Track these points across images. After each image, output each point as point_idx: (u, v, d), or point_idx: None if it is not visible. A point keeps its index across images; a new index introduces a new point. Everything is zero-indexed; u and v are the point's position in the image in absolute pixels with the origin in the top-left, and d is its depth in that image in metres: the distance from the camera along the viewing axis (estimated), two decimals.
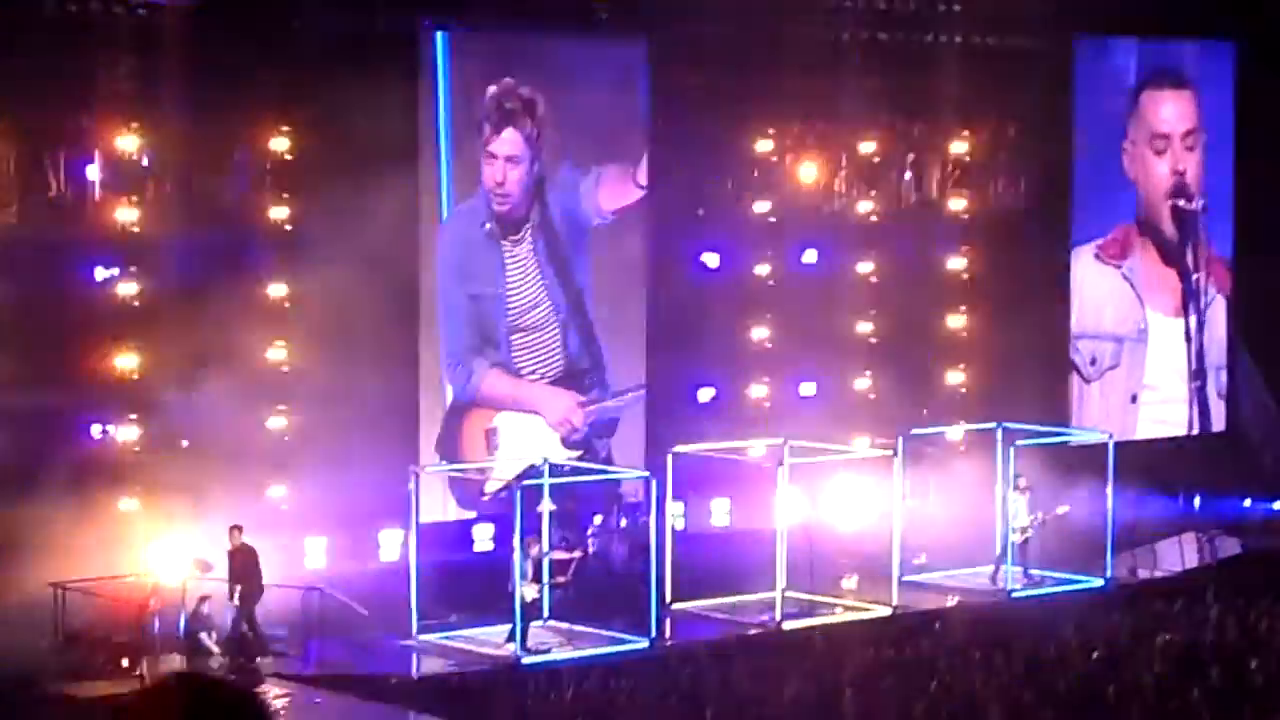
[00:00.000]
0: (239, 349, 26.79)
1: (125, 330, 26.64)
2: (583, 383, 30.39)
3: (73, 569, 24.52)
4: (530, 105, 29.30)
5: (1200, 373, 36.91)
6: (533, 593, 25.57)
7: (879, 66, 32.81)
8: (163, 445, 26.55)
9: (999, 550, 29.36)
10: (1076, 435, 32.92)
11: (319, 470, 27.14)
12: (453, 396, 29.27)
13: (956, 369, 34.36)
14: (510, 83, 29.19)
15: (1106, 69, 35.74)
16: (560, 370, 30.18)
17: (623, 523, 28.75)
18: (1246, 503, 35.08)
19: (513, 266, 29.61)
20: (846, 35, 32.58)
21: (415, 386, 28.86)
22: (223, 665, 24.30)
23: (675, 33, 30.41)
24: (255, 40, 26.66)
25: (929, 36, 33.79)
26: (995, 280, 34.42)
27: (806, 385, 32.98)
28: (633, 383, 30.69)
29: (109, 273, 26.75)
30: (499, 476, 28.81)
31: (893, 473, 28.47)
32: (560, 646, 25.62)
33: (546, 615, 26.43)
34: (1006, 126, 34.94)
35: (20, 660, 22.81)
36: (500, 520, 28.05)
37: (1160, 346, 36.37)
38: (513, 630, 25.14)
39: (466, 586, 26.94)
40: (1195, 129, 36.35)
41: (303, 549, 27.17)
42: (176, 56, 26.29)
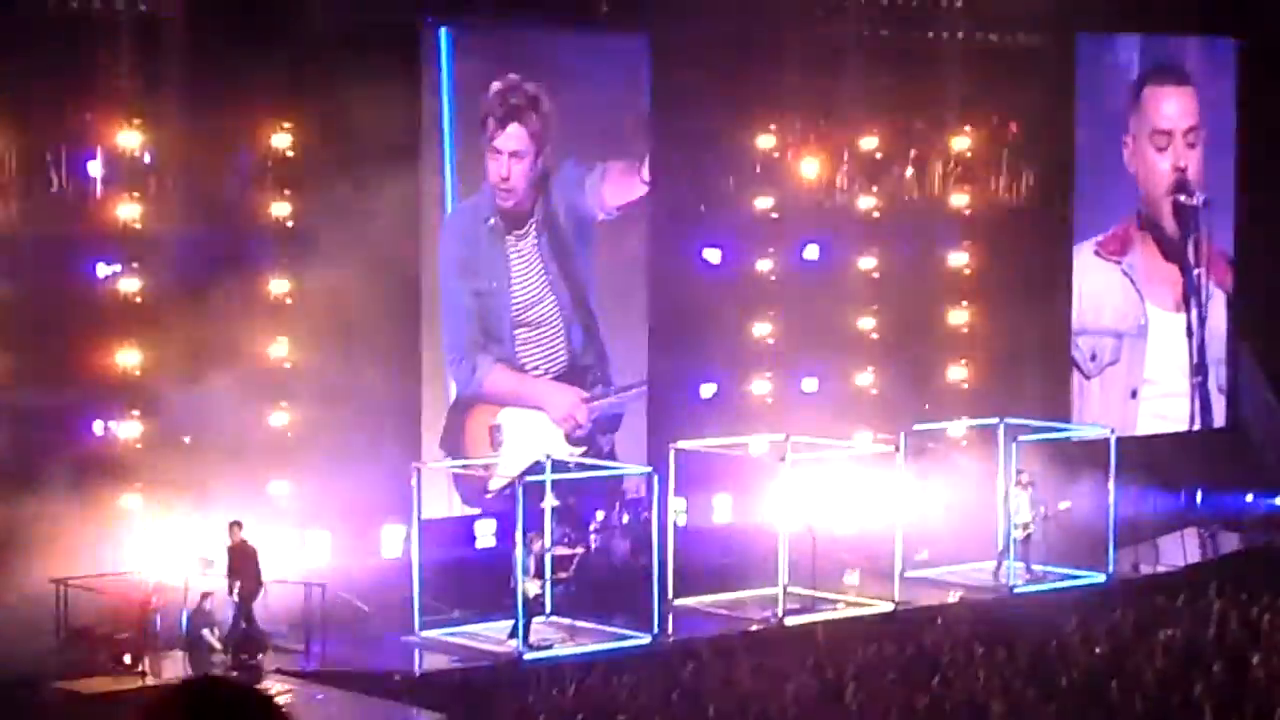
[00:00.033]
0: (241, 345, 26.80)
1: (127, 326, 26.63)
2: (586, 378, 30.40)
3: (75, 565, 24.49)
4: (535, 101, 29.32)
5: (1201, 368, 36.90)
6: (535, 588, 25.55)
7: (881, 63, 32.81)
8: (165, 441, 26.53)
9: (1001, 546, 29.36)
10: (1079, 431, 32.91)
11: (321, 466, 27.14)
12: (457, 392, 29.28)
13: (958, 364, 34.36)
14: (515, 78, 29.22)
15: (1108, 65, 35.73)
16: (564, 366, 30.18)
17: (625, 518, 28.75)
18: (1248, 498, 35.07)
19: (517, 262, 29.61)
20: (848, 32, 32.58)
21: (417, 382, 28.87)
22: (224, 662, 24.29)
23: (677, 28, 30.38)
24: (257, 37, 26.63)
25: (931, 33, 33.82)
26: (997, 276, 34.43)
27: (808, 381, 32.97)
28: (635, 379, 30.70)
29: (111, 269, 26.77)
30: (504, 473, 28.79)
31: (894, 468, 28.47)
32: (562, 642, 25.59)
33: (549, 611, 26.43)
34: (1008, 122, 34.93)
35: (22, 657, 22.77)
36: (503, 516, 28.04)
37: (1160, 342, 36.37)
38: (515, 626, 25.12)
39: (469, 582, 26.94)
40: (1197, 126, 36.34)
41: (305, 545, 27.17)
42: (178, 53, 26.32)
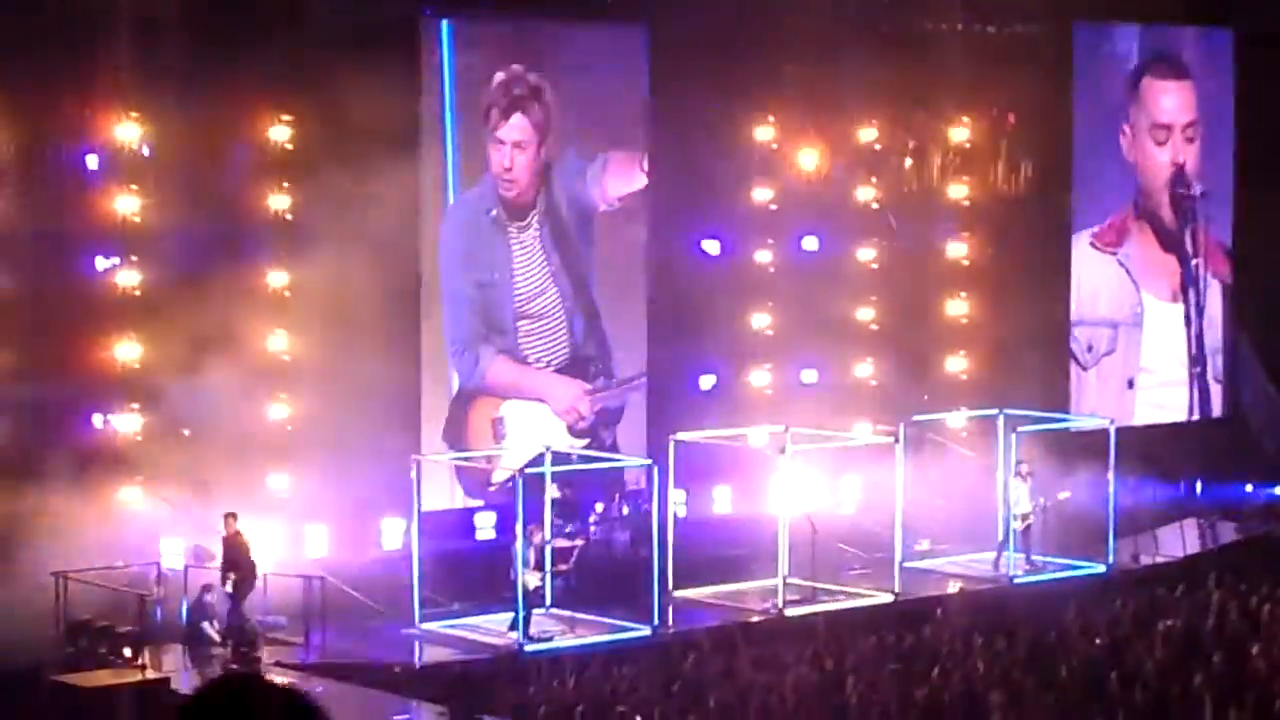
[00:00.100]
0: (241, 338, 26.78)
1: (126, 319, 26.62)
2: (588, 370, 30.38)
3: (75, 558, 24.49)
4: (538, 91, 29.32)
5: (1200, 358, 36.91)
6: (535, 581, 25.56)
7: (880, 54, 32.77)
8: (164, 434, 26.53)
9: (1001, 536, 29.37)
10: (1078, 421, 32.91)
11: (321, 458, 27.13)
12: (459, 383, 29.27)
13: (957, 355, 34.37)
14: (518, 69, 29.23)
15: (1106, 55, 35.72)
16: (566, 357, 30.17)
17: (625, 510, 28.74)
18: (1247, 488, 35.10)
19: (519, 253, 29.59)
20: (847, 23, 32.55)
21: (417, 374, 28.86)
22: (224, 654, 24.29)
23: (676, 19, 30.36)
24: (256, 28, 26.59)
25: (929, 23, 33.80)
26: (996, 266, 34.45)
27: (808, 372, 32.98)
28: (635, 370, 30.69)
29: (110, 262, 26.75)
30: (506, 465, 28.78)
31: (894, 459, 28.47)
32: (562, 634, 25.59)
33: (549, 603, 26.45)
34: (1006, 113, 34.93)
35: (22, 650, 22.77)
36: (502, 508, 28.04)
37: (1157, 332, 36.37)
38: (515, 618, 25.13)
39: (469, 574, 26.95)
40: (1195, 120, 36.33)
41: (304, 537, 27.17)
42: (177, 45, 26.29)
